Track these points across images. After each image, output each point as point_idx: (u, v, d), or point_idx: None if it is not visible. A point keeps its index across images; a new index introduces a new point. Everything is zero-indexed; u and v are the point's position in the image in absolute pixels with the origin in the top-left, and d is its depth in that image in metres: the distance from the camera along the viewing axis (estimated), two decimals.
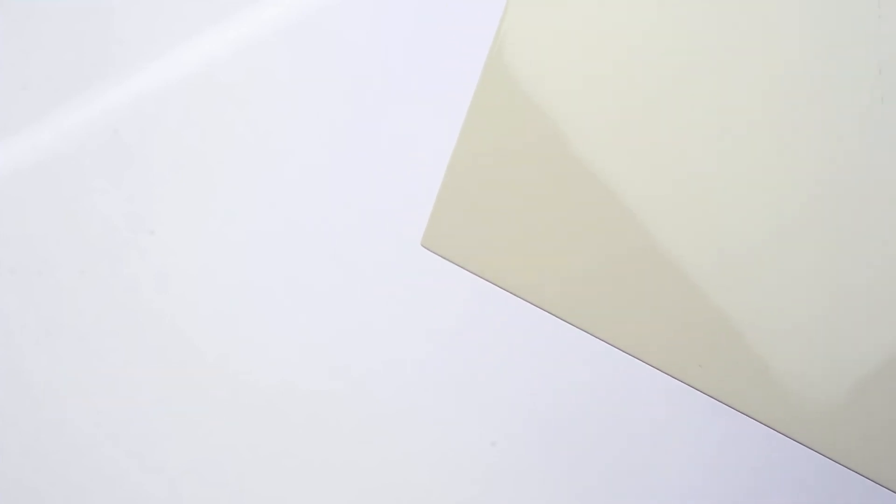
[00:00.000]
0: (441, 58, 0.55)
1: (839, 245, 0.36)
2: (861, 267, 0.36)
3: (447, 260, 0.41)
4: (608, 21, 0.38)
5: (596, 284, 0.39)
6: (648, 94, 0.38)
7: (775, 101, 0.36)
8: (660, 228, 0.38)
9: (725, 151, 0.37)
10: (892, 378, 0.37)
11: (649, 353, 0.39)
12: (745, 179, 0.37)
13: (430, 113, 0.55)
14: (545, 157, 0.39)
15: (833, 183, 0.36)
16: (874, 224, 0.36)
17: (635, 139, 0.38)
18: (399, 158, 0.56)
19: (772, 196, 0.37)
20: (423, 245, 0.41)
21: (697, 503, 0.57)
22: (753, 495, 0.56)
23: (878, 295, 0.36)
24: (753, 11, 0.36)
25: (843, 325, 0.37)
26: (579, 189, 0.39)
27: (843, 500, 0.54)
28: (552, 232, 0.39)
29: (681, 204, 0.38)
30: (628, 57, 0.38)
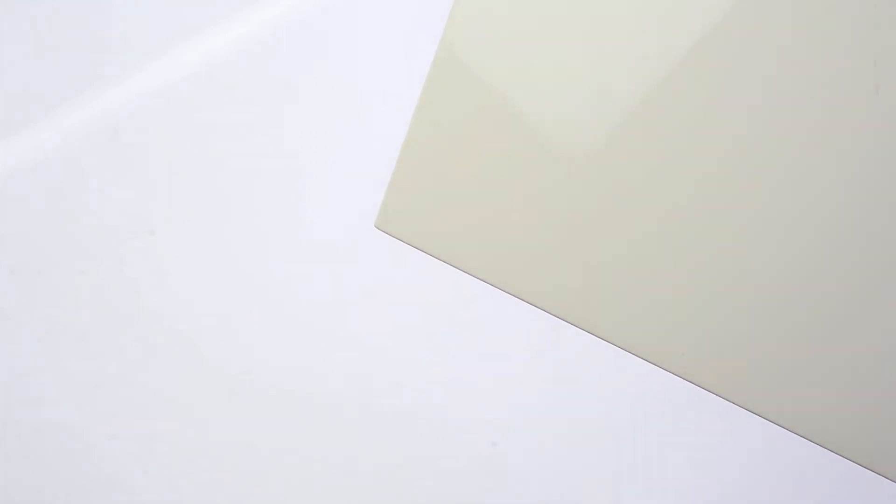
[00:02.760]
0: None
1: (832, 239, 0.36)
2: (856, 262, 0.36)
3: (404, 243, 0.40)
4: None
5: (563, 267, 0.39)
6: (616, 81, 0.38)
7: (767, 93, 0.36)
8: (635, 209, 0.38)
9: (702, 142, 0.37)
10: (884, 368, 0.37)
11: (624, 339, 0.39)
12: (725, 170, 0.37)
13: None
14: (502, 140, 0.38)
15: (829, 175, 0.36)
16: (870, 219, 0.36)
17: (598, 121, 0.37)
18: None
19: (757, 187, 0.37)
20: (376, 226, 0.40)
21: (697, 502, 0.57)
22: (756, 493, 0.56)
23: (873, 290, 0.36)
24: (745, 4, 0.36)
25: (834, 318, 0.37)
26: (543, 171, 0.38)
27: (841, 491, 0.54)
28: (518, 216, 0.38)
29: (657, 186, 0.37)
30: (602, 43, 0.37)
